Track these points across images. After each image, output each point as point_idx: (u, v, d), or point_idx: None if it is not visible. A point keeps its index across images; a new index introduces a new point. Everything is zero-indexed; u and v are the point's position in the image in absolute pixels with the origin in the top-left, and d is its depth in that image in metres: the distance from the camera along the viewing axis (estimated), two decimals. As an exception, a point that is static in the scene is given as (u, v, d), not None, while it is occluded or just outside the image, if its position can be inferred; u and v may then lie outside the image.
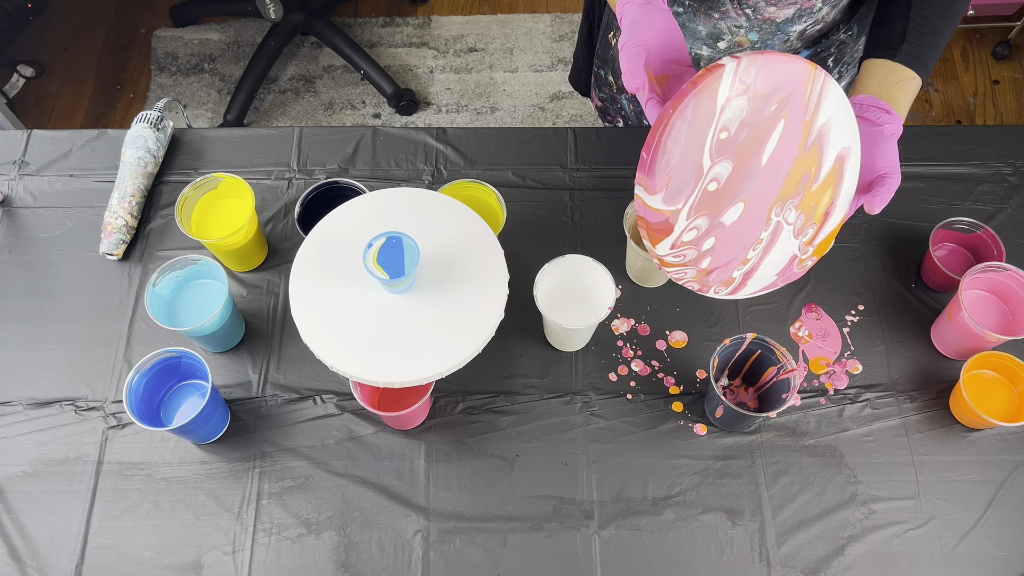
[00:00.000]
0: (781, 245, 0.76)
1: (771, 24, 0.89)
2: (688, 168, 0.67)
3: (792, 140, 0.68)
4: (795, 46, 0.94)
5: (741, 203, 0.71)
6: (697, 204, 0.69)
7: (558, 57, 2.15)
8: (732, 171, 0.68)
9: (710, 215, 0.71)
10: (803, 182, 0.71)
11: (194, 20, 2.21)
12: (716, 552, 0.82)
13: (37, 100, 2.10)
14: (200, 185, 0.91)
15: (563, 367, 0.91)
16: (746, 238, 0.74)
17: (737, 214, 0.71)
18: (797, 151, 0.69)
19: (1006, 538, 0.83)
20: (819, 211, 0.74)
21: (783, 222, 0.73)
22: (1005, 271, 0.89)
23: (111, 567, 0.81)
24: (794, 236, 0.75)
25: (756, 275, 0.78)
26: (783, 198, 0.71)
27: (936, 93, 2.10)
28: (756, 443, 0.87)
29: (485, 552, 0.82)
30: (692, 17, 0.91)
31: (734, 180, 0.69)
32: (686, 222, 0.71)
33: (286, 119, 2.07)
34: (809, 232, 0.75)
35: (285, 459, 0.86)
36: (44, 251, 0.98)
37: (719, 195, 0.69)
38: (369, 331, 0.77)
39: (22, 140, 1.05)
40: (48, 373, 0.91)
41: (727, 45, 0.92)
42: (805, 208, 0.73)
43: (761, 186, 0.70)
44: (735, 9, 0.87)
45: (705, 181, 0.68)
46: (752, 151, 0.67)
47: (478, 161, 1.04)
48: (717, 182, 0.68)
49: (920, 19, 0.79)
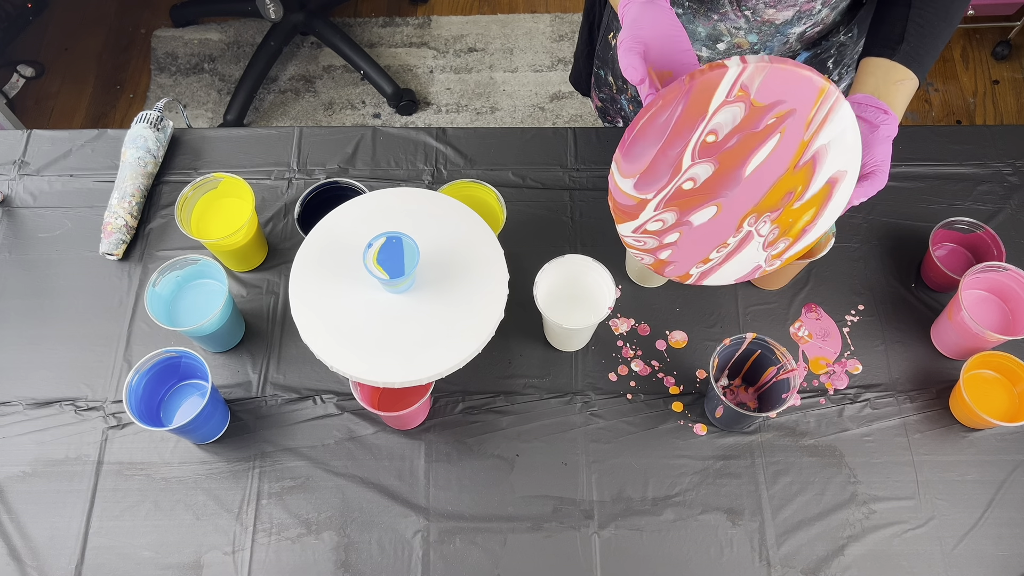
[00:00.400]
0: (747, 254, 0.75)
1: (770, 26, 0.89)
2: (666, 163, 0.66)
3: (783, 156, 0.66)
4: (794, 48, 0.93)
5: (715, 207, 0.70)
6: (668, 199, 0.69)
7: (558, 57, 2.15)
8: (712, 175, 0.67)
9: (679, 212, 0.71)
10: (785, 199, 0.70)
11: (194, 20, 2.21)
12: (716, 552, 0.82)
13: (37, 100, 2.10)
14: (200, 185, 0.91)
15: (563, 367, 0.91)
16: (712, 240, 0.74)
17: (707, 216, 0.71)
18: (786, 168, 0.67)
19: (1006, 538, 0.83)
20: (795, 228, 0.73)
21: (755, 232, 0.73)
22: (1005, 271, 0.89)
23: (111, 567, 0.81)
24: (763, 248, 0.75)
25: (713, 276, 0.79)
26: (760, 210, 0.71)
27: (936, 93, 2.10)
28: (756, 443, 0.87)
29: (485, 552, 0.82)
30: (692, 19, 0.91)
31: (712, 183, 0.68)
32: (653, 213, 0.71)
33: (286, 119, 2.07)
34: (780, 246, 0.75)
35: (285, 459, 0.86)
36: (44, 251, 0.98)
37: (693, 195, 0.69)
38: (369, 331, 0.77)
39: (22, 140, 1.05)
40: (48, 373, 0.91)
41: (726, 47, 0.92)
42: (781, 223, 0.72)
43: (740, 195, 0.69)
44: (734, 11, 0.87)
45: (681, 179, 0.67)
46: (738, 160, 0.66)
47: (478, 161, 1.04)
48: (694, 182, 0.68)
49: (920, 19, 0.79)
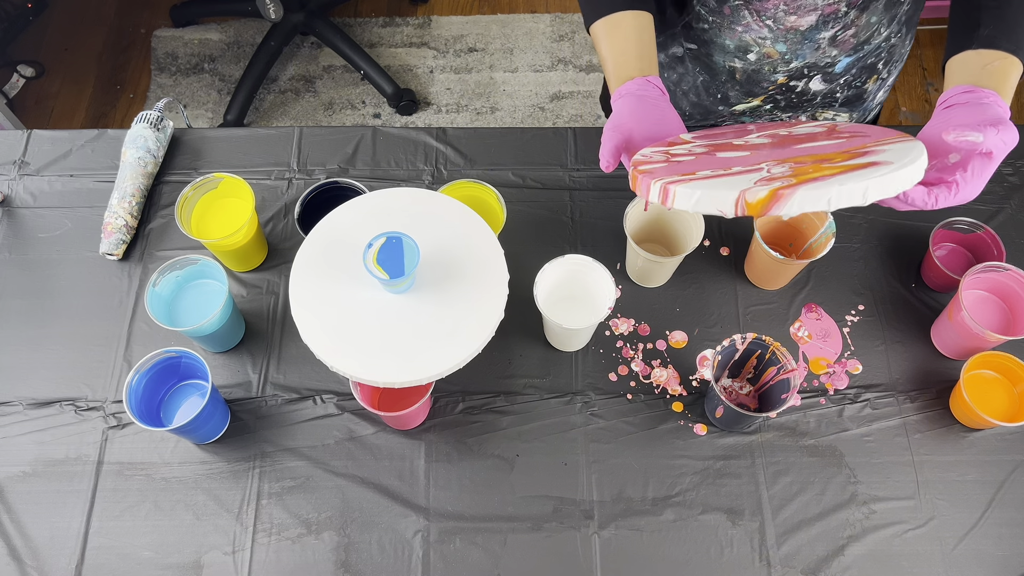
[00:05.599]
0: (737, 180, 0.63)
1: (795, 33, 0.87)
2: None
3: (837, 147, 0.66)
4: (830, 54, 0.90)
5: (747, 151, 0.69)
6: (705, 138, 0.72)
7: (558, 57, 2.15)
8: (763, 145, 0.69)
9: (711, 148, 0.71)
10: (818, 161, 0.64)
11: (194, 20, 2.21)
12: (716, 552, 0.82)
13: (37, 100, 2.10)
14: (200, 185, 0.91)
15: (563, 367, 0.91)
16: (719, 165, 0.67)
17: (734, 155, 0.69)
18: (835, 152, 0.65)
19: (1006, 538, 0.83)
20: (806, 176, 0.62)
21: (766, 169, 0.64)
22: (1005, 271, 0.89)
23: (111, 567, 0.81)
24: (759, 182, 0.63)
25: (685, 186, 0.63)
26: (785, 160, 0.66)
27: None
28: (756, 443, 0.87)
29: (485, 552, 0.82)
30: (718, 33, 0.91)
31: (763, 149, 0.69)
32: (687, 141, 0.72)
33: (286, 119, 2.07)
34: (777, 183, 0.61)
35: (285, 459, 0.86)
36: (44, 251, 0.98)
37: (733, 147, 0.70)
38: (369, 331, 0.77)
39: (22, 140, 1.05)
40: (48, 373, 0.91)
41: (756, 56, 0.91)
42: (797, 173, 0.63)
43: (776, 153, 0.67)
44: (756, 21, 0.86)
45: (732, 138, 0.71)
46: (790, 141, 0.69)
47: (478, 161, 1.04)
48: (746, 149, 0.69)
49: (992, 2, 0.73)
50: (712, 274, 0.96)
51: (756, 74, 0.94)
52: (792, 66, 0.92)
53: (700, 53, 0.96)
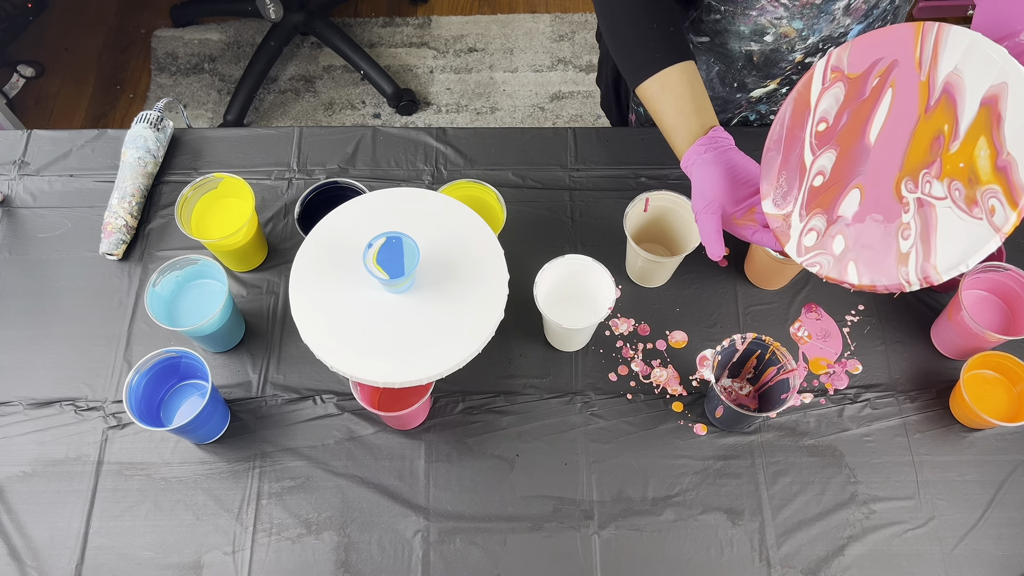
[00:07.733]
0: (949, 224, 0.61)
1: (811, 8, 0.86)
2: (791, 169, 0.66)
3: (906, 107, 0.62)
4: (844, 23, 0.90)
5: (856, 189, 0.64)
6: (807, 203, 0.67)
7: (558, 57, 2.15)
8: (837, 159, 0.64)
9: (824, 212, 0.66)
10: (935, 147, 0.61)
11: (194, 20, 2.21)
12: (716, 552, 0.82)
13: (37, 100, 2.10)
14: (200, 185, 0.91)
15: (563, 367, 0.91)
16: (882, 230, 0.63)
17: (855, 203, 0.64)
18: (916, 117, 0.62)
19: (1006, 538, 0.83)
20: (983, 169, 0.59)
21: (928, 199, 0.62)
22: (1005, 271, 0.89)
23: (111, 567, 0.81)
24: (965, 210, 0.60)
25: (943, 262, 0.61)
26: (910, 172, 0.62)
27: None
28: (756, 443, 0.87)
29: (485, 552, 0.82)
30: (731, 20, 0.91)
31: (841, 167, 0.65)
32: (800, 224, 0.67)
33: (286, 119, 2.07)
34: (992, 202, 0.59)
35: (285, 459, 0.86)
36: (44, 251, 0.98)
37: (828, 187, 0.65)
38: (369, 331, 0.77)
39: (22, 140, 1.05)
40: (48, 373, 0.91)
41: (773, 38, 0.92)
42: (956, 174, 0.60)
43: (877, 166, 0.64)
44: (771, 2, 0.86)
45: (810, 177, 0.66)
46: (856, 133, 0.63)
47: (478, 161, 1.04)
48: (823, 175, 0.65)
49: None
50: (712, 274, 0.96)
51: (774, 54, 0.94)
52: (809, 42, 0.92)
53: (713, 44, 0.96)
